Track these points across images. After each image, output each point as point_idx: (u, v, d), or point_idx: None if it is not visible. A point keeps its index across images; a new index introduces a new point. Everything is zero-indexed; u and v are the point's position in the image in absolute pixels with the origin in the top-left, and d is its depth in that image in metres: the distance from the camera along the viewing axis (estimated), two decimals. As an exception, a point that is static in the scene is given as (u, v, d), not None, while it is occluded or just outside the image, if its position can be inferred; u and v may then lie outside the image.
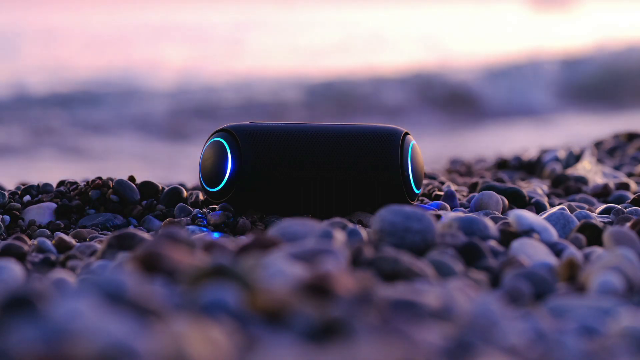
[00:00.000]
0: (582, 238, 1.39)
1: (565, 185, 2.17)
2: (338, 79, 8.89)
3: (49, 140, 6.29)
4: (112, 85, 8.49)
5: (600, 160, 2.67)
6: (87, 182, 1.79)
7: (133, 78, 8.82)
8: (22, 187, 1.83)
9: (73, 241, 1.51)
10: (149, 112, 7.35)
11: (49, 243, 1.48)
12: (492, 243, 1.29)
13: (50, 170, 5.30)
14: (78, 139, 6.37)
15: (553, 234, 1.36)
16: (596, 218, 1.65)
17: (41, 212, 1.75)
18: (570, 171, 2.33)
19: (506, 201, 1.80)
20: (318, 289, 0.92)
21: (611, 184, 2.13)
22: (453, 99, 8.43)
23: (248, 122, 1.72)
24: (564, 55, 10.61)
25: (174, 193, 1.79)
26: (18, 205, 1.75)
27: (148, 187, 1.79)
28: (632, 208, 1.76)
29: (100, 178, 1.79)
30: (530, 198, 1.88)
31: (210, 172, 1.70)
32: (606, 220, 1.66)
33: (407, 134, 1.76)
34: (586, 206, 1.87)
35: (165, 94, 8.13)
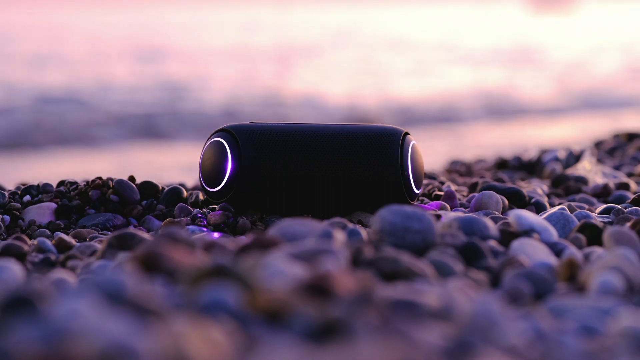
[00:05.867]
0: (582, 238, 1.39)
1: (565, 185, 2.17)
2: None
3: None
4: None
5: (600, 160, 2.67)
6: (87, 182, 1.79)
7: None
8: (22, 187, 1.83)
9: (73, 241, 1.51)
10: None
11: (49, 243, 1.48)
12: (492, 243, 1.29)
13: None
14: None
15: (553, 234, 1.36)
16: (596, 218, 1.65)
17: (41, 212, 1.75)
18: (570, 171, 2.33)
19: (506, 201, 1.80)
20: (318, 289, 0.92)
21: (611, 184, 2.13)
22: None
23: (248, 122, 1.72)
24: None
25: (174, 193, 1.79)
26: (18, 205, 1.75)
27: (148, 187, 1.79)
28: (632, 208, 1.76)
29: (100, 178, 1.79)
30: (530, 198, 1.88)
31: (210, 172, 1.70)
32: (606, 220, 1.66)
33: (407, 134, 1.76)
34: (586, 206, 1.87)
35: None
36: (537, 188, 2.07)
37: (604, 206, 1.80)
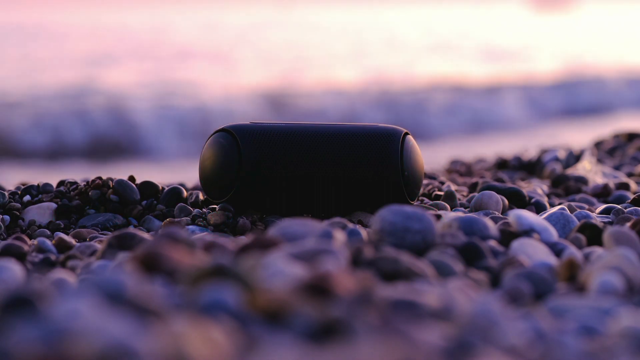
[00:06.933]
0: (582, 238, 1.39)
1: (565, 185, 2.17)
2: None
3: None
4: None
5: (600, 160, 2.67)
6: (87, 182, 1.79)
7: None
8: (22, 187, 1.83)
9: (73, 241, 1.51)
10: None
11: (49, 243, 1.48)
12: (492, 243, 1.29)
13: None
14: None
15: (553, 234, 1.36)
16: (596, 218, 1.65)
17: (41, 212, 1.75)
18: (570, 171, 2.33)
19: (506, 201, 1.80)
20: (318, 289, 0.92)
21: (611, 184, 2.12)
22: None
23: (248, 122, 1.72)
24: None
25: (174, 193, 1.79)
26: (18, 205, 1.75)
27: (148, 187, 1.79)
28: (632, 208, 1.76)
29: (100, 178, 1.79)
30: (530, 198, 1.88)
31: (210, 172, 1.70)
32: (606, 220, 1.66)
33: (407, 134, 1.76)
34: (586, 206, 1.87)
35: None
36: (537, 188, 2.07)
37: (604, 206, 1.80)
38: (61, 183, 1.83)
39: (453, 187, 1.98)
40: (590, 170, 2.30)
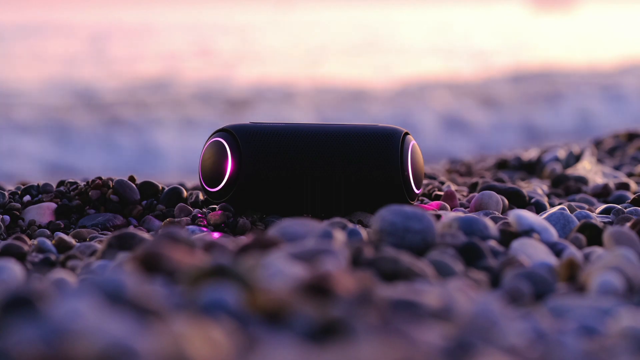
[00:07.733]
0: (582, 238, 1.39)
1: (565, 185, 2.17)
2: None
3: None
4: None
5: (600, 160, 2.67)
6: (87, 182, 1.79)
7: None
8: (22, 187, 1.83)
9: (73, 241, 1.51)
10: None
11: (49, 243, 1.48)
12: (492, 243, 1.29)
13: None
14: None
15: (553, 234, 1.36)
16: (596, 218, 1.65)
17: (41, 212, 1.75)
18: (570, 171, 2.33)
19: (506, 201, 1.80)
20: (318, 289, 0.92)
21: (611, 184, 2.12)
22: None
23: (248, 122, 1.72)
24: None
25: (174, 193, 1.79)
26: (18, 205, 1.75)
27: (148, 187, 1.79)
28: (632, 208, 1.76)
29: (100, 178, 1.79)
30: (530, 198, 1.88)
31: (210, 172, 1.70)
32: (606, 220, 1.66)
33: (407, 134, 1.76)
34: (586, 206, 1.87)
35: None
36: (537, 188, 2.07)
37: (604, 206, 1.80)
38: (61, 183, 1.83)
39: (453, 187, 1.98)
40: (590, 170, 2.30)
